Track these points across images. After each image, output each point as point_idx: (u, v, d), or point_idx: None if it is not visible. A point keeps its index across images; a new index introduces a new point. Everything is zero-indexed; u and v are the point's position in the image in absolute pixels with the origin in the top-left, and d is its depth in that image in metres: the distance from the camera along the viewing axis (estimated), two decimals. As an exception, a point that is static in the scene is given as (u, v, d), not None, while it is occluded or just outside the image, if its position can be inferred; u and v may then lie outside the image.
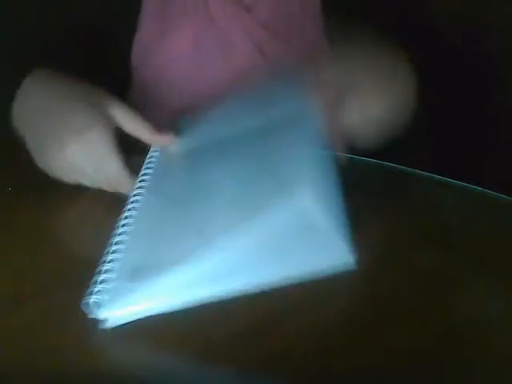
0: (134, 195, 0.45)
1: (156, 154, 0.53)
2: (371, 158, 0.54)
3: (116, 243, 0.40)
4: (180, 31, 0.62)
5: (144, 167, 0.50)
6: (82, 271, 0.40)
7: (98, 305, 0.35)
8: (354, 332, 0.35)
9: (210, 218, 0.41)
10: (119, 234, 0.40)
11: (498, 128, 0.73)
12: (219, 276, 0.36)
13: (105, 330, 0.34)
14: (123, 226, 0.41)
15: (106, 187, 0.48)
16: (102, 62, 0.61)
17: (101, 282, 0.36)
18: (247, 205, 0.40)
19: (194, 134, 0.52)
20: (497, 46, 0.75)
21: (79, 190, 0.49)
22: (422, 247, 0.43)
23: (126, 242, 0.40)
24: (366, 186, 0.50)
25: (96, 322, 0.35)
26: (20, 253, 0.43)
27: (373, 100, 0.50)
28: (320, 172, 0.40)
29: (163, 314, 0.35)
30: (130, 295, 0.36)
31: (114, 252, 0.39)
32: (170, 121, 0.58)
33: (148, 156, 0.51)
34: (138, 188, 0.46)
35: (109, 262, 0.38)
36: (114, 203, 0.47)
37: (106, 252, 0.39)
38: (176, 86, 0.63)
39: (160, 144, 0.51)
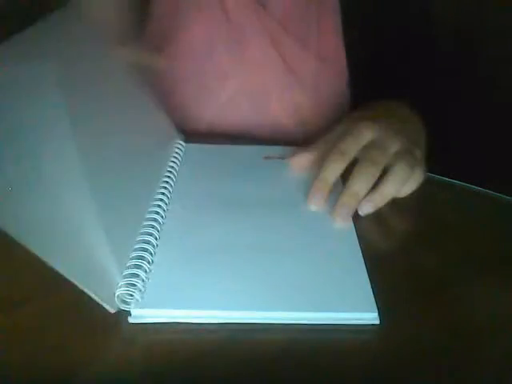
0: (160, 193, 0.46)
1: (181, 150, 0.53)
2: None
3: (143, 242, 0.40)
4: (193, 24, 0.62)
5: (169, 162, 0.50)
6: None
7: (128, 298, 0.35)
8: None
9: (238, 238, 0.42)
10: (146, 234, 0.41)
11: (498, 128, 0.73)
12: (249, 297, 0.36)
13: (129, 324, 0.35)
14: (150, 226, 0.42)
15: None
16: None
17: (131, 277, 0.36)
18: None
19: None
20: (496, 47, 0.75)
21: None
22: (422, 247, 0.43)
23: (154, 244, 0.40)
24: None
25: (119, 315, 0.35)
26: (20, 253, 0.42)
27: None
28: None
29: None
30: (162, 297, 0.36)
31: (142, 250, 0.39)
32: (180, 110, 0.61)
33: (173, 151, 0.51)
34: (164, 182, 0.47)
35: (138, 259, 0.38)
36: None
37: (134, 249, 0.39)
38: (188, 78, 0.64)
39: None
